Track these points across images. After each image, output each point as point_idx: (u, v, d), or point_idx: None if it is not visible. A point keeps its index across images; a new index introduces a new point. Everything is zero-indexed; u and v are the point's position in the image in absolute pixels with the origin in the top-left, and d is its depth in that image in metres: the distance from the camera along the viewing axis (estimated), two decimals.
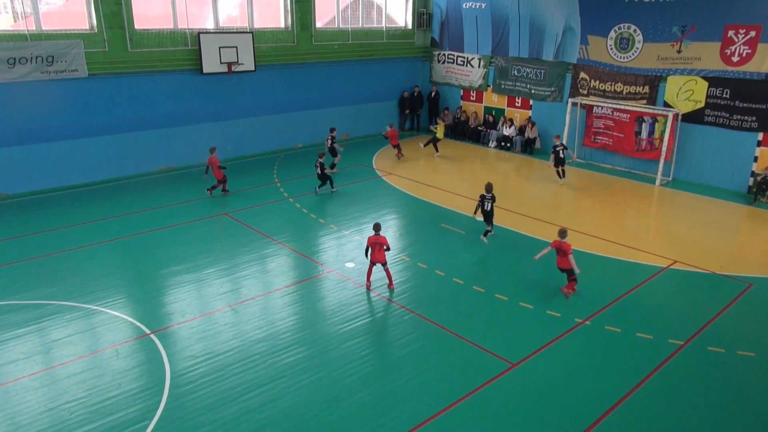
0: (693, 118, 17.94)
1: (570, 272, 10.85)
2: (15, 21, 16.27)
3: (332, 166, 18.28)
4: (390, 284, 11.21)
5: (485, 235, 13.49)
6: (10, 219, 14.66)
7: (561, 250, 10.78)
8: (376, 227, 10.99)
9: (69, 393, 8.10)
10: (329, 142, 19.09)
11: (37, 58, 15.77)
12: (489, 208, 13.32)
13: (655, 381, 8.53)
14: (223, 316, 10.14)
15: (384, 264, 10.98)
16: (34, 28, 15.96)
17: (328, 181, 16.77)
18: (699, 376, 8.67)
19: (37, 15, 15.97)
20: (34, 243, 13.13)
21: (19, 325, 9.73)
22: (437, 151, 21.27)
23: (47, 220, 14.56)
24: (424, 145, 21.48)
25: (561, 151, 17.58)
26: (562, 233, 10.91)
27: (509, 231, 14.21)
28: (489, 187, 13.30)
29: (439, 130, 21.23)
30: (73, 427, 7.44)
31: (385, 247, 10.80)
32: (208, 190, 16.50)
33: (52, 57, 16.01)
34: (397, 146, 20.56)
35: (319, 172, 16.48)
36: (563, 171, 17.92)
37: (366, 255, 11.06)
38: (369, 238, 10.92)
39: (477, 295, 11.03)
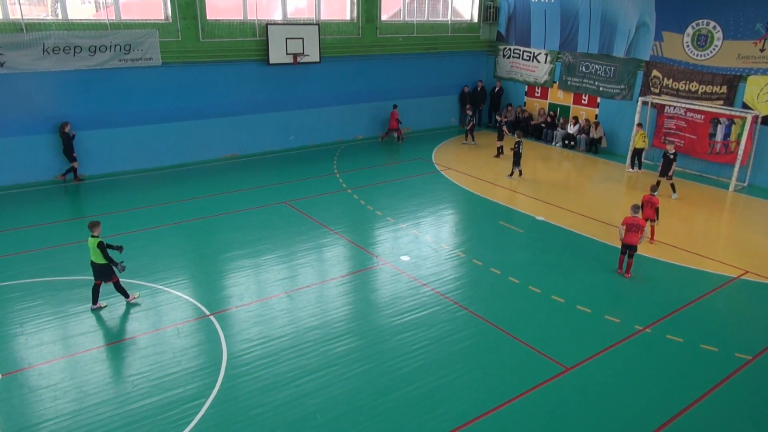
0: None
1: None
2: (97, 11, 17.13)
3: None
4: (627, 272, 11.53)
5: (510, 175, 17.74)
6: (87, 199, 15.50)
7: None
8: (635, 208, 11.30)
9: (133, 367, 8.52)
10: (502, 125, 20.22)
11: (115, 46, 16.54)
12: (520, 150, 17.20)
13: (719, 396, 8.16)
14: (279, 302, 10.39)
15: (634, 249, 11.26)
16: (114, 18, 16.74)
17: (470, 134, 21.64)
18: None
19: (117, 5, 16.74)
20: (107, 223, 13.75)
21: (90, 299, 10.28)
22: (639, 167, 18.90)
23: (119, 201, 15.29)
24: (637, 168, 18.94)
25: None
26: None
27: (568, 231, 13.87)
28: (520, 134, 17.80)
29: (638, 140, 18.55)
30: (135, 399, 7.82)
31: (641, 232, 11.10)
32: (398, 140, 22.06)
33: (129, 45, 16.75)
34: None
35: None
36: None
37: (619, 237, 11.50)
38: (625, 219, 11.28)
39: (532, 295, 10.83)
